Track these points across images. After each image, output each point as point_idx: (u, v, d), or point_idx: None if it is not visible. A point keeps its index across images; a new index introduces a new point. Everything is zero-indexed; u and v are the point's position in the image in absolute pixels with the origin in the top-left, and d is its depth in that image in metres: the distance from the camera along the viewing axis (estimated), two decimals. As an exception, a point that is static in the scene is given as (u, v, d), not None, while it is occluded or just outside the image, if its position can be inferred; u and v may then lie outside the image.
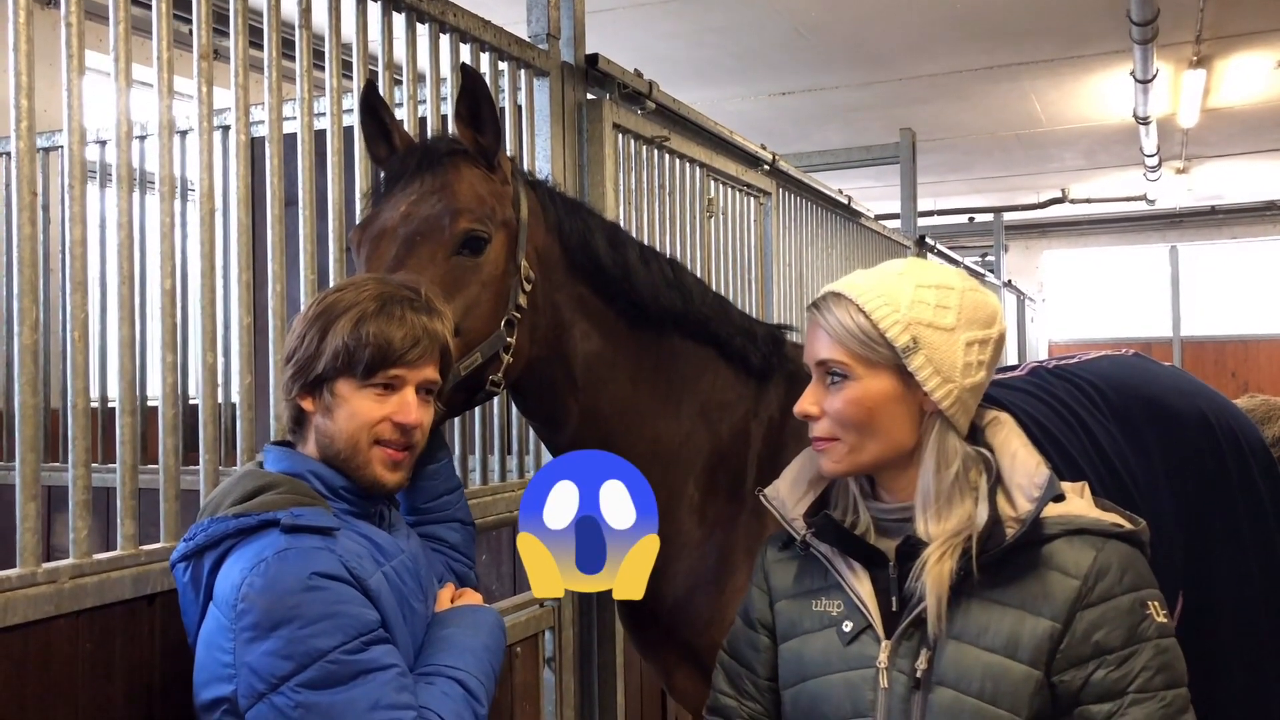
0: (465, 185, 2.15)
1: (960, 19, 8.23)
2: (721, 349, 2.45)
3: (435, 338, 1.83)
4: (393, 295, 1.82)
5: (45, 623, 1.83)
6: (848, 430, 1.71)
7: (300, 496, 1.74)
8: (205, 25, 2.21)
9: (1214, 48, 9.20)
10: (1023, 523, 1.63)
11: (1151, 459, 2.56)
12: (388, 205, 2.13)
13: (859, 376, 1.70)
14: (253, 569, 1.62)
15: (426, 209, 2.09)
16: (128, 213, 2.06)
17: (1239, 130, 12.46)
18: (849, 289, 1.74)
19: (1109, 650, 1.58)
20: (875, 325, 1.68)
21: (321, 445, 1.81)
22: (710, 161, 4.30)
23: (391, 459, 1.82)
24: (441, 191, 2.12)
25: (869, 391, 1.70)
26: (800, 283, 5.52)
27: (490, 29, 3.07)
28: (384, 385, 1.79)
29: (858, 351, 1.69)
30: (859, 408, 1.70)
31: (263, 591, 1.60)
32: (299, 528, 1.66)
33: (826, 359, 1.72)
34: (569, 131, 3.41)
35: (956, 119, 11.50)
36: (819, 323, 1.74)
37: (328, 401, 1.79)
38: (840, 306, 1.72)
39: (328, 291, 1.87)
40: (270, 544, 1.64)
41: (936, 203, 16.56)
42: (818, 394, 1.74)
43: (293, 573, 1.61)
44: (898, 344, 1.68)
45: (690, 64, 9.09)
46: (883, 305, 1.70)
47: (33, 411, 1.85)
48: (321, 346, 1.77)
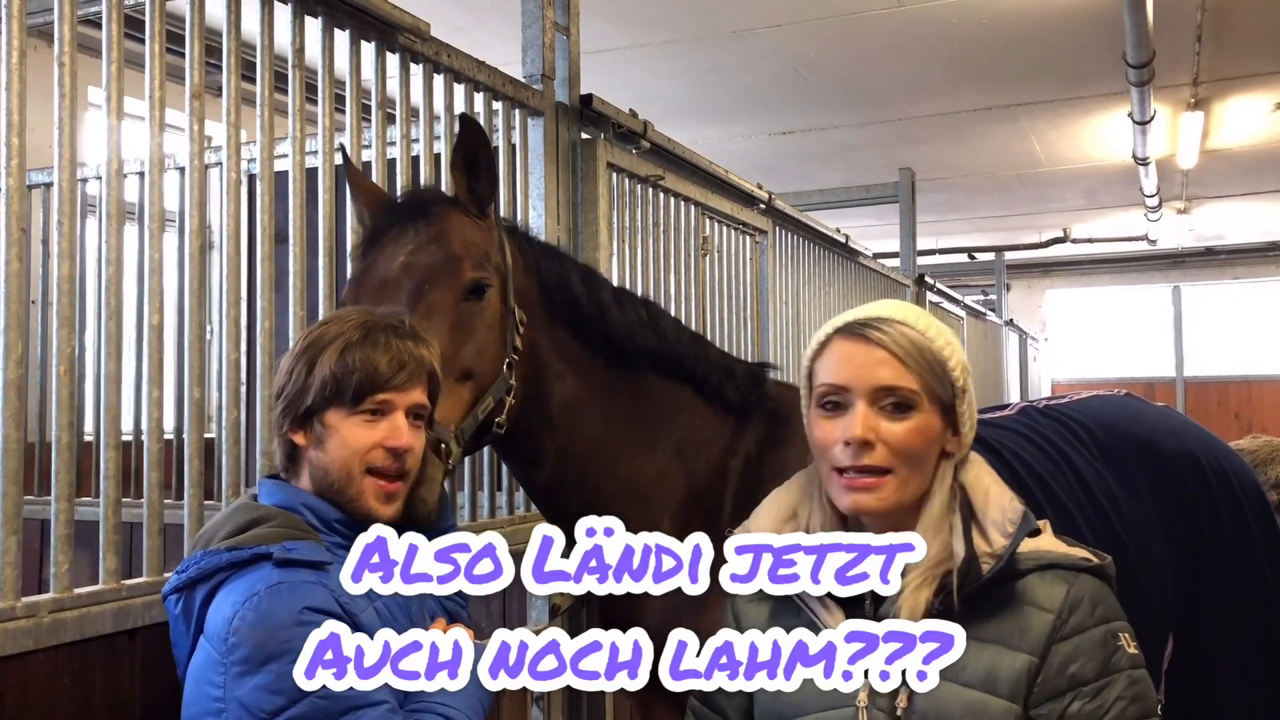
0: (461, 233, 2.18)
1: (958, 60, 8.30)
2: (698, 387, 2.47)
3: (422, 362, 1.85)
4: (377, 323, 1.84)
5: (23, 657, 1.83)
6: (904, 463, 1.63)
7: (293, 530, 1.74)
8: (198, 64, 2.24)
9: (1211, 90, 9.26)
10: (998, 558, 1.62)
11: (1141, 499, 2.55)
12: (382, 257, 2.14)
13: (924, 408, 1.65)
14: (245, 603, 1.62)
15: (428, 257, 2.12)
16: (116, 249, 2.08)
17: (1239, 171, 12.51)
18: (910, 318, 1.68)
19: (1084, 682, 1.59)
20: (945, 361, 1.66)
21: (316, 478, 1.81)
22: (705, 200, 4.33)
23: (385, 490, 1.82)
24: (439, 240, 2.14)
25: (931, 424, 1.65)
26: (797, 321, 5.54)
27: (485, 69, 3.11)
28: (373, 411, 1.80)
29: (929, 382, 1.65)
30: (924, 440, 1.64)
31: (254, 626, 1.60)
32: (292, 561, 1.66)
33: (896, 385, 1.64)
34: (563, 170, 3.44)
35: (956, 159, 11.56)
36: (885, 345, 1.65)
37: (319, 433, 1.80)
38: (911, 333, 1.66)
39: (313, 327, 1.89)
40: (262, 578, 1.64)
41: (938, 241, 16.62)
42: (873, 420, 1.63)
43: (285, 607, 1.61)
44: (958, 384, 1.67)
45: (689, 103, 9.16)
46: (947, 344, 1.68)
47: (16, 446, 1.86)
48: (309, 379, 1.79)
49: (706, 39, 7.73)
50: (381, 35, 2.73)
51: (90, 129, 6.00)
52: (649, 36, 7.65)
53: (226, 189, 2.36)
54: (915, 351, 1.64)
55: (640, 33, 7.56)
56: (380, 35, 2.73)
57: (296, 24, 2.51)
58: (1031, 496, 1.79)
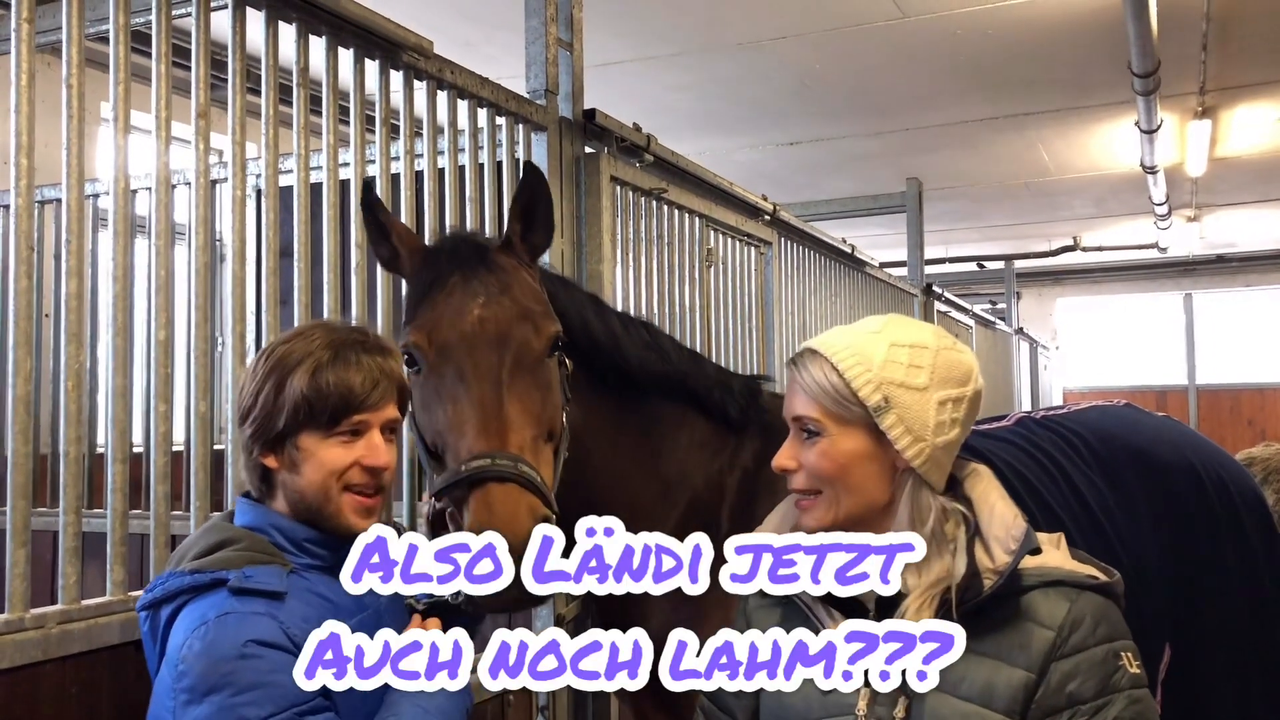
0: (527, 285, 2.13)
1: (964, 70, 8.31)
2: (699, 404, 2.49)
3: (392, 376, 1.82)
4: (344, 340, 1.81)
5: (32, 668, 1.86)
6: (824, 485, 1.74)
7: (257, 554, 1.71)
8: (203, 83, 2.28)
9: (1218, 99, 9.24)
10: (1000, 574, 1.65)
11: (1137, 510, 2.55)
12: (449, 307, 2.03)
13: (831, 433, 1.73)
14: (194, 631, 1.61)
15: (504, 311, 2.04)
16: (123, 265, 2.12)
17: (1249, 179, 12.47)
18: (824, 347, 1.78)
19: (1082, 700, 1.60)
20: (848, 384, 1.72)
21: (292, 501, 1.79)
22: (710, 212, 4.36)
23: (363, 505, 1.80)
24: (510, 292, 2.07)
25: (840, 448, 1.73)
26: (804, 332, 5.55)
27: (488, 85, 3.15)
28: (350, 432, 1.77)
29: (830, 409, 1.73)
30: (831, 463, 1.73)
31: (199, 655, 1.58)
32: (246, 590, 1.64)
33: (801, 415, 1.76)
34: (567, 184, 3.47)
35: (964, 168, 11.56)
36: (796, 379, 1.78)
37: (293, 456, 1.76)
38: (815, 364, 1.76)
39: (273, 344, 1.84)
40: (215, 605, 1.63)
41: (948, 250, 16.60)
42: (795, 448, 1.77)
43: (230, 638, 1.59)
44: (869, 403, 1.71)
45: (696, 115, 9.19)
46: (856, 364, 1.73)
47: (24, 460, 1.89)
48: (279, 401, 1.75)
49: (712, 52, 7.77)
50: (385, 53, 2.77)
51: (101, 144, 6.07)
52: (655, 50, 7.69)
53: (233, 204, 2.40)
54: (813, 383, 1.75)
55: (646, 46, 7.60)
56: (384, 53, 2.76)
57: (301, 43, 2.55)
58: (1026, 509, 1.80)
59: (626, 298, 3.72)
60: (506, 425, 1.91)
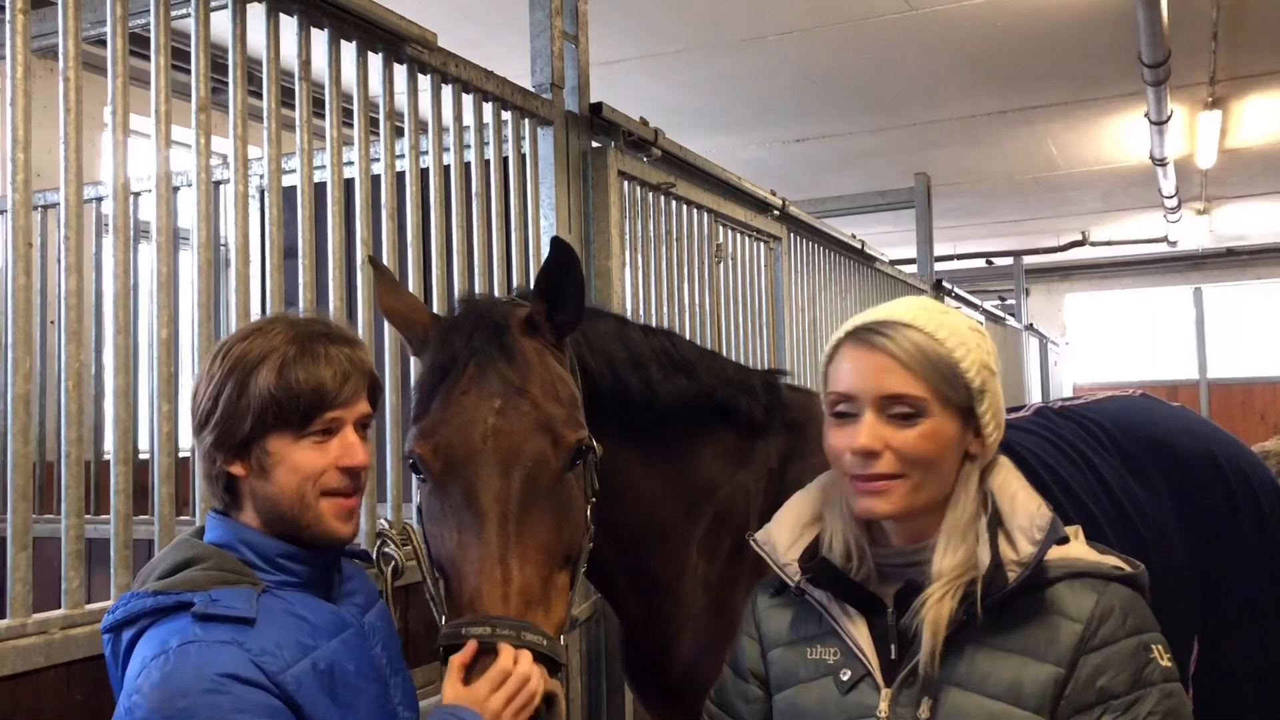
0: (550, 378, 1.90)
1: (971, 64, 8.26)
2: (725, 415, 2.37)
3: (363, 369, 1.70)
4: (308, 332, 1.67)
5: (35, 674, 1.83)
6: (914, 469, 1.60)
7: (226, 573, 1.59)
8: (203, 78, 2.24)
9: (1228, 89, 9.18)
10: (1025, 566, 1.59)
11: (1160, 500, 2.52)
12: (459, 409, 1.82)
13: (935, 413, 1.61)
14: (153, 659, 1.48)
15: (523, 421, 1.81)
16: (125, 263, 2.08)
17: (1260, 170, 12.40)
18: (918, 320, 1.63)
19: (1114, 695, 1.54)
20: (957, 362, 1.62)
21: (263, 510, 1.65)
22: (718, 207, 4.32)
23: (344, 509, 1.67)
24: (528, 392, 1.84)
25: (943, 429, 1.61)
26: (814, 327, 5.51)
27: (493, 79, 3.11)
28: (322, 432, 1.64)
29: (938, 387, 1.60)
30: (934, 445, 1.61)
31: (156, 686, 1.45)
32: (210, 616, 1.51)
33: (901, 393, 1.60)
34: (574, 179, 3.43)
35: (972, 163, 11.51)
36: (890, 351, 1.61)
37: (262, 461, 1.62)
38: (917, 337, 1.61)
39: (228, 342, 1.68)
40: (177, 631, 1.51)
41: (956, 247, 16.53)
42: (880, 429, 1.60)
43: (191, 670, 1.46)
44: (974, 385, 1.62)
45: (702, 112, 9.16)
46: (960, 344, 1.63)
47: (24, 461, 1.85)
48: (243, 403, 1.60)
49: (718, 48, 7.73)
50: (388, 46, 2.73)
51: (103, 149, 6.04)
52: (660, 46, 7.65)
53: (235, 201, 2.36)
54: (921, 357, 1.60)
55: (651, 43, 7.56)
56: (387, 46, 2.73)
57: (303, 36, 2.51)
58: (1054, 499, 1.74)
59: (635, 295, 3.68)
60: (512, 579, 1.73)
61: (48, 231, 4.49)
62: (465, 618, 1.71)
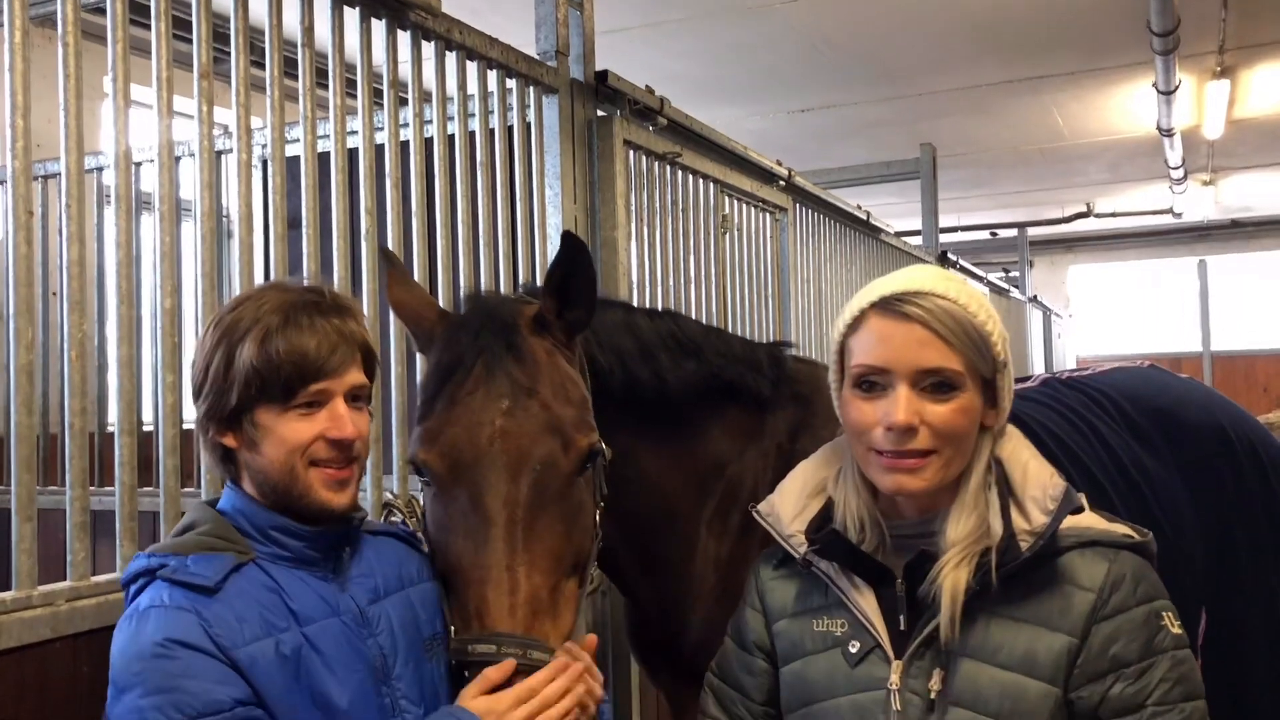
0: (560, 379, 1.84)
1: (978, 33, 8.19)
2: (733, 393, 2.34)
3: (352, 339, 1.66)
4: (296, 302, 1.63)
5: (41, 646, 1.82)
6: (947, 444, 1.58)
7: (216, 539, 1.59)
8: (205, 44, 2.21)
9: (1238, 58, 9.10)
10: (1038, 535, 1.57)
11: (1169, 471, 2.52)
12: (466, 410, 1.76)
13: (969, 388, 1.58)
14: (125, 620, 1.52)
15: (532, 423, 1.75)
16: (127, 231, 2.06)
17: (1267, 141, 12.32)
18: (950, 290, 1.60)
19: (1126, 663, 1.53)
20: (987, 336, 1.60)
21: (256, 481, 1.63)
22: (724, 178, 4.28)
23: (334, 479, 1.63)
24: (538, 393, 1.78)
25: (974, 404, 1.60)
26: (819, 300, 5.49)
27: (497, 46, 3.07)
28: (309, 403, 1.61)
29: (974, 361, 1.59)
30: (968, 420, 1.59)
31: (119, 651, 1.50)
32: (176, 581, 1.52)
33: (942, 367, 1.57)
34: (579, 148, 3.40)
35: (978, 133, 11.44)
36: (927, 324, 1.57)
37: (251, 434, 1.61)
38: (953, 309, 1.58)
39: (222, 310, 1.66)
40: (151, 594, 1.53)
41: (960, 219, 16.47)
42: (916, 403, 1.57)
43: (147, 635, 1.48)
44: (1000, 358, 1.61)
45: (707, 82, 9.08)
46: (988, 315, 1.61)
47: (28, 432, 1.84)
48: (230, 374, 1.58)
49: (723, 16, 7.65)
50: (392, 13, 2.69)
51: (105, 118, 6.00)
52: (665, 15, 7.57)
53: (238, 172, 2.33)
54: (959, 329, 1.57)
55: (656, 11, 7.49)
56: (391, 12, 2.69)
57: (305, 2, 2.47)
58: (1061, 468, 1.72)
59: (641, 266, 3.66)
60: (519, 589, 1.67)
61: (49, 202, 4.46)
62: (472, 633, 1.67)
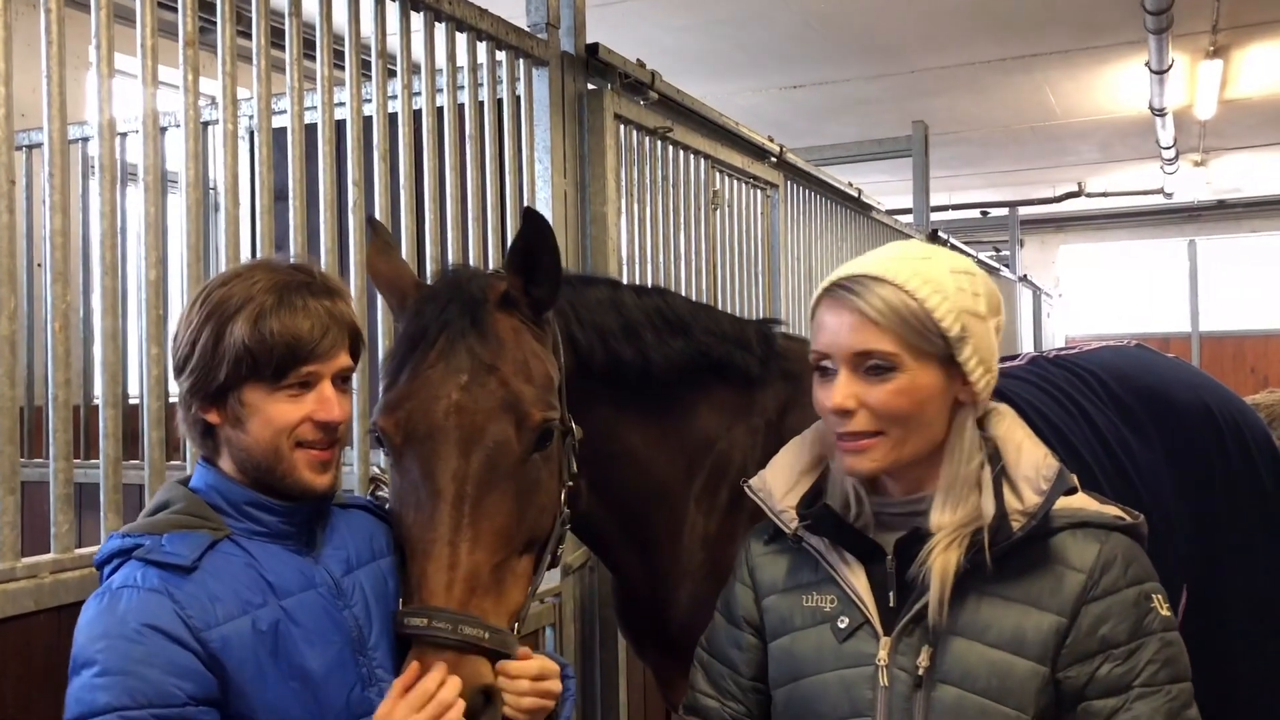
0: (519, 351, 1.83)
1: (971, 10, 8.16)
2: (721, 371, 2.33)
3: (343, 321, 1.66)
4: (288, 283, 1.63)
5: (25, 618, 1.81)
6: (892, 425, 1.59)
7: (190, 518, 1.59)
8: (191, 12, 2.18)
9: (1231, 37, 9.09)
10: (1031, 516, 1.58)
11: (1154, 450, 2.53)
12: (424, 383, 1.76)
13: (909, 368, 1.58)
14: (95, 597, 1.51)
15: (488, 400, 1.75)
16: (111, 202, 2.04)
17: (1258, 122, 12.33)
18: (887, 272, 1.60)
19: (1115, 644, 1.54)
20: (929, 313, 1.59)
21: (238, 459, 1.63)
22: (715, 153, 4.26)
23: (318, 460, 1.64)
24: (498, 370, 1.78)
25: (918, 383, 1.59)
26: (810, 277, 5.48)
27: (487, 18, 3.04)
28: (298, 385, 1.61)
29: (910, 341, 1.58)
30: (909, 400, 1.59)
31: (83, 628, 1.48)
32: (152, 561, 1.52)
33: (872, 349, 1.58)
34: (569, 122, 3.37)
35: (970, 111, 11.41)
36: (858, 308, 1.59)
37: (236, 411, 1.60)
38: (885, 290, 1.59)
39: (209, 285, 1.65)
40: (124, 574, 1.52)
41: (951, 197, 16.46)
42: (855, 386, 1.59)
43: (118, 615, 1.46)
44: (951, 334, 1.59)
45: (698, 57, 9.04)
46: (933, 292, 1.59)
47: (10, 403, 1.82)
48: (219, 351, 1.57)
49: (715, -10, 7.61)
50: (381, -18, 2.66)
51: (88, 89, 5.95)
52: (656, -12, 7.53)
53: (225, 143, 2.31)
54: (889, 311, 1.58)
55: (647, -16, 7.45)
56: (379, -18, 2.66)
57: (292, -29, 2.44)
58: (1048, 445, 1.73)
59: (631, 242, 3.64)
60: (459, 564, 1.66)
61: (33, 173, 4.42)
62: (408, 606, 1.67)
